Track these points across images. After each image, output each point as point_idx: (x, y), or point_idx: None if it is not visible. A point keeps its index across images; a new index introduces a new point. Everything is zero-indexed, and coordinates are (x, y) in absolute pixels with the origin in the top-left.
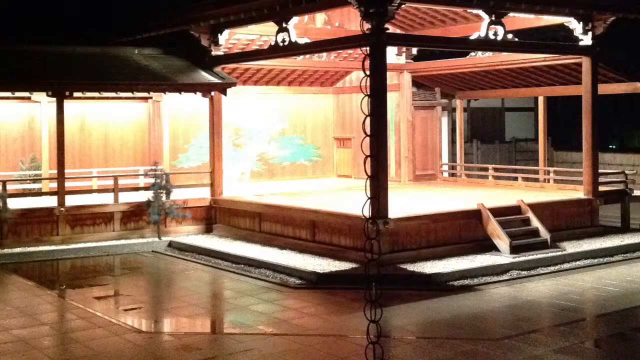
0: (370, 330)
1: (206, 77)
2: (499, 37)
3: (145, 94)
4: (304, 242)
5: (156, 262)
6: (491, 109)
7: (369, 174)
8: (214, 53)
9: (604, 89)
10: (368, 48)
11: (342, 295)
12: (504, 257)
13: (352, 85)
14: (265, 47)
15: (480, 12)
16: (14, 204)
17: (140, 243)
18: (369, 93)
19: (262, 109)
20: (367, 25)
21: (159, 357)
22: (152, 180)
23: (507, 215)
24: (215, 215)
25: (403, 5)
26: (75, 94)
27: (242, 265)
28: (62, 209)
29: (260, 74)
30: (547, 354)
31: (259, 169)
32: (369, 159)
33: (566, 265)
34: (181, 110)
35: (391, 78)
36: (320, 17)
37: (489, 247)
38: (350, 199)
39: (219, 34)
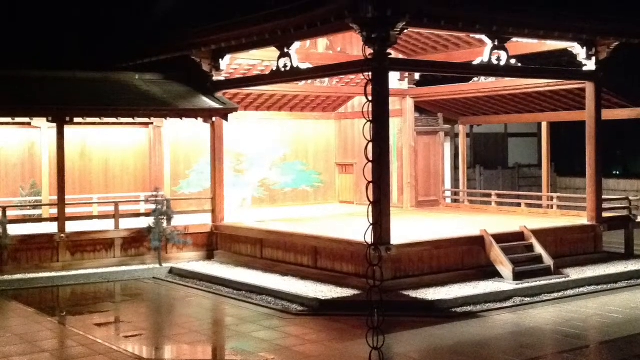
0: (372, 357)
1: (207, 102)
2: (502, 62)
3: (146, 120)
4: (306, 269)
5: (157, 289)
6: (494, 135)
7: (371, 200)
8: (215, 78)
9: (608, 114)
10: (370, 73)
11: (344, 322)
12: (507, 284)
13: (354, 111)
14: (267, 73)
15: (483, 37)
16: (14, 230)
17: (141, 269)
18: (371, 118)
19: (263, 134)
20: (369, 51)
21: None
22: (153, 206)
23: (510, 241)
24: (217, 242)
25: (405, 31)
26: (76, 120)
27: (244, 292)
28: (62, 235)
29: (261, 99)
30: None
31: (260, 195)
32: (371, 185)
33: (570, 292)
34: (182, 136)
35: (393, 103)
36: (322, 42)
37: (492, 273)
38: (352, 225)
39: (220, 59)
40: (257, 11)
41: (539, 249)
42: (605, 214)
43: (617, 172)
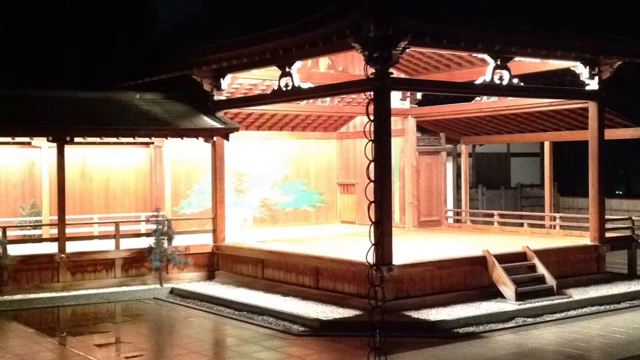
0: None
1: (208, 122)
2: (505, 82)
3: (146, 139)
4: (307, 289)
5: (158, 309)
6: (496, 154)
7: (373, 220)
8: (216, 98)
9: (611, 134)
10: (372, 93)
11: (345, 343)
12: (509, 304)
13: (356, 130)
14: (268, 92)
15: (486, 57)
16: (14, 250)
17: (141, 290)
18: (373, 138)
19: (264, 154)
20: (371, 70)
21: None
22: (153, 227)
23: (513, 261)
24: (218, 262)
25: (407, 50)
26: (76, 139)
27: (245, 312)
28: (62, 255)
29: (263, 118)
30: None
31: (261, 215)
32: (373, 204)
33: (572, 312)
34: (183, 156)
35: (395, 123)
36: (323, 62)
37: (495, 294)
38: (354, 245)
39: (221, 79)
40: (258, 30)
41: (541, 269)
42: (608, 234)
43: (620, 192)
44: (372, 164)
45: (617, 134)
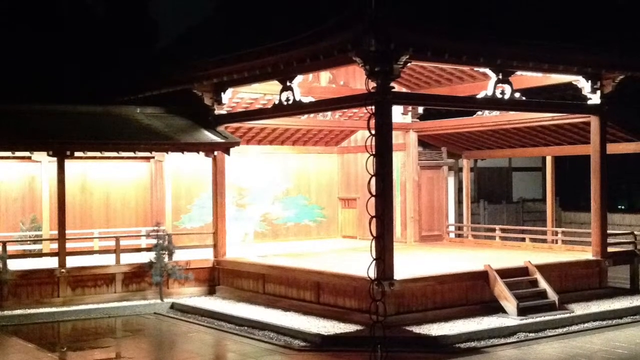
0: None
1: (209, 136)
2: (506, 96)
3: (147, 154)
4: (308, 304)
5: (158, 324)
6: (498, 169)
7: (375, 234)
8: (217, 112)
9: (613, 148)
10: (373, 107)
11: (347, 358)
12: (511, 319)
13: (357, 145)
14: (269, 106)
15: (488, 71)
16: (14, 265)
17: (142, 305)
18: (374, 152)
19: (265, 168)
20: (372, 84)
21: None
22: (154, 241)
23: (515, 276)
24: (219, 277)
25: (409, 64)
26: (77, 154)
27: (246, 327)
28: (63, 270)
29: (264, 133)
30: None
31: (262, 230)
32: (374, 219)
33: (574, 327)
34: (184, 170)
35: (397, 137)
36: (324, 76)
37: (496, 309)
38: (355, 260)
39: (222, 93)
40: (259, 44)
41: (543, 284)
42: (610, 249)
43: (622, 207)
44: (374, 179)
45: (619, 148)
